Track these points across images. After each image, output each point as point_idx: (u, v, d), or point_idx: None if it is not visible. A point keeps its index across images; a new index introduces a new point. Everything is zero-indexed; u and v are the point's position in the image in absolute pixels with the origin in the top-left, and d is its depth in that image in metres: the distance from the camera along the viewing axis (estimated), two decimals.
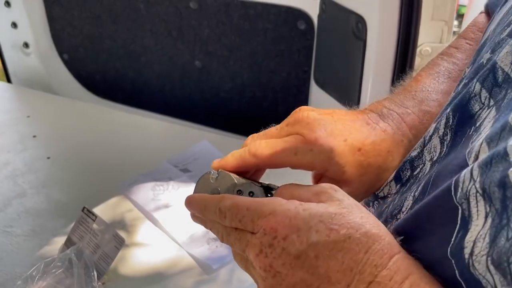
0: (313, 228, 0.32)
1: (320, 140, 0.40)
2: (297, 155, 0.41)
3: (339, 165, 0.41)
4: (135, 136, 1.13)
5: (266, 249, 0.33)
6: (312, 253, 0.32)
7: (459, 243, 0.30)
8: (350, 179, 0.42)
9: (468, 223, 0.29)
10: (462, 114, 0.37)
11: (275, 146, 0.41)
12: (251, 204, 0.35)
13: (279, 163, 0.41)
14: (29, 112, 1.24)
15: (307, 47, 1.04)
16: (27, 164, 1.03)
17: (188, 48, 1.20)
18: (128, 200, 0.92)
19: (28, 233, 0.84)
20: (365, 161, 0.41)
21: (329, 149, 0.40)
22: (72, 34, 1.34)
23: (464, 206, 0.30)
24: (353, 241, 0.32)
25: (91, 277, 0.68)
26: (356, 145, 0.41)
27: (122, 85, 1.35)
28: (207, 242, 0.82)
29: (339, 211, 0.33)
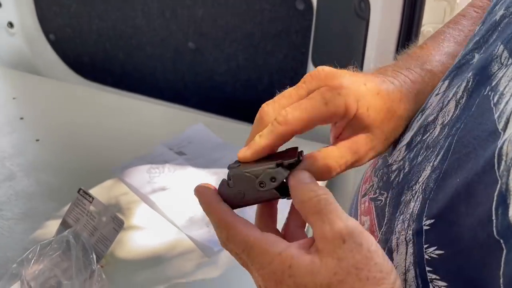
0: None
1: (344, 83, 0.39)
2: (327, 104, 0.38)
3: (364, 107, 0.39)
4: (127, 119, 1.09)
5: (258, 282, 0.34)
6: None
7: (504, 220, 0.28)
8: (373, 124, 0.40)
9: (507, 198, 0.28)
10: (482, 77, 0.36)
11: (302, 106, 0.38)
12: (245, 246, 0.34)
13: (313, 121, 0.39)
14: (15, 93, 1.19)
15: (305, 28, 1.02)
16: (15, 147, 1.00)
17: (181, 29, 1.16)
18: (122, 183, 0.89)
19: (19, 217, 0.81)
20: (384, 105, 0.41)
21: (354, 91, 0.39)
22: (59, 14, 1.30)
23: (504, 180, 0.29)
24: None
25: (90, 259, 0.65)
26: (375, 89, 0.40)
27: (111, 68, 1.31)
28: (206, 225, 0.80)
29: (327, 282, 0.32)
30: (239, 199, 0.37)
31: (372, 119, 0.40)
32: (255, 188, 0.37)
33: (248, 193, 0.37)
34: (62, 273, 0.66)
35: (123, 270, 0.72)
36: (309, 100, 0.39)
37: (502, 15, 0.38)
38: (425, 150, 0.39)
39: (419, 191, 0.37)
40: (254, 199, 0.37)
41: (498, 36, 0.38)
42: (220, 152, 0.99)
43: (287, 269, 0.32)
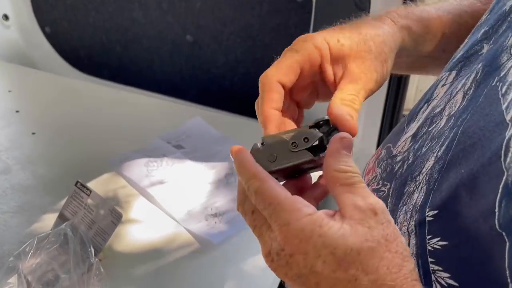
0: (321, 257, 0.30)
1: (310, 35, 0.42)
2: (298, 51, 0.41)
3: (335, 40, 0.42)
4: (124, 112, 1.08)
5: (274, 255, 0.32)
6: (313, 279, 0.31)
7: (506, 213, 0.28)
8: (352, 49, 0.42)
9: (511, 189, 0.28)
10: (491, 67, 0.36)
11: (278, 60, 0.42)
12: (273, 201, 0.33)
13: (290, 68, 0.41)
14: (11, 86, 1.18)
15: (305, 20, 1.01)
16: (10, 140, 0.98)
17: (178, 21, 1.15)
18: (120, 177, 0.88)
19: (15, 210, 0.80)
20: (356, 37, 0.42)
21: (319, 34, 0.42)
22: (55, 6, 1.28)
23: (510, 172, 0.28)
24: (358, 285, 0.30)
25: (88, 253, 0.64)
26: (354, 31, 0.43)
27: (108, 61, 1.30)
28: (205, 218, 0.80)
29: (358, 247, 0.30)
30: (270, 162, 0.37)
31: (348, 46, 0.42)
32: (287, 149, 0.37)
33: (280, 156, 0.36)
34: (59, 266, 0.65)
35: (121, 263, 0.71)
36: (282, 55, 0.42)
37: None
38: (430, 141, 0.38)
39: (423, 182, 0.36)
40: (286, 161, 0.36)
41: (509, 26, 0.37)
42: (218, 146, 0.98)
43: (318, 228, 0.31)
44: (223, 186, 0.87)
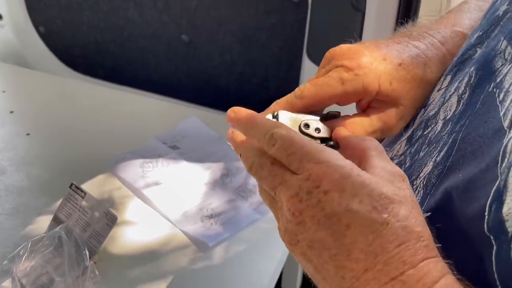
0: (358, 196, 0.30)
1: (362, 63, 0.39)
2: (344, 84, 0.39)
3: (387, 82, 0.40)
4: (119, 112, 1.08)
5: (303, 194, 0.31)
6: (345, 220, 0.30)
7: (496, 217, 0.28)
8: (399, 96, 0.41)
9: (503, 195, 0.28)
10: (485, 72, 0.36)
11: (319, 82, 0.39)
12: (307, 144, 0.33)
13: (327, 98, 0.39)
14: (4, 87, 1.17)
15: (301, 20, 1.01)
16: (4, 141, 0.98)
17: (174, 20, 1.14)
18: (115, 178, 0.88)
19: (9, 212, 0.80)
20: (408, 75, 0.41)
21: (373, 70, 0.40)
22: (49, 5, 1.27)
23: (503, 177, 0.28)
24: (390, 229, 0.30)
25: (83, 256, 0.64)
26: (396, 61, 0.41)
27: (103, 60, 1.29)
28: (201, 220, 0.79)
29: (391, 195, 0.30)
30: None
31: (398, 92, 0.41)
32: (297, 128, 0.37)
33: None
34: (54, 269, 0.65)
35: (116, 266, 0.71)
36: (326, 77, 0.40)
37: (505, 10, 0.38)
38: (427, 145, 0.38)
39: (420, 186, 0.37)
40: None
41: (500, 30, 0.37)
42: (215, 146, 0.97)
43: (356, 169, 0.31)
44: (219, 187, 0.87)
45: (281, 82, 1.10)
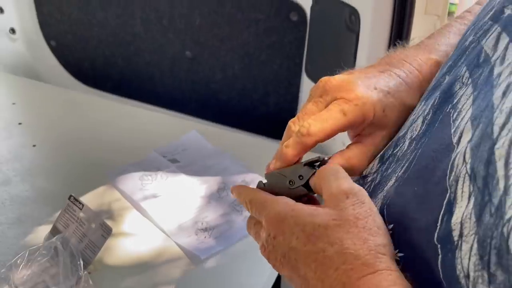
0: (295, 234, 0.35)
1: (359, 94, 0.43)
2: (346, 115, 0.42)
3: (381, 110, 0.43)
4: (124, 125, 1.11)
5: (265, 243, 0.38)
6: (293, 256, 0.36)
7: (446, 227, 0.30)
8: (389, 121, 0.44)
9: (453, 206, 0.30)
10: (446, 95, 0.39)
11: (323, 117, 0.43)
12: (260, 201, 0.41)
13: (333, 130, 0.43)
14: (15, 99, 1.22)
15: (299, 39, 1.04)
16: (11, 152, 1.01)
17: (179, 37, 1.18)
18: (115, 190, 0.91)
19: (12, 221, 0.83)
20: (396, 102, 0.44)
21: (369, 99, 0.43)
22: (60, 20, 1.32)
23: (453, 189, 0.31)
24: (326, 257, 0.34)
25: (77, 266, 0.67)
26: (385, 89, 0.44)
27: (110, 74, 1.33)
28: (195, 233, 0.82)
29: (325, 223, 0.35)
30: None
31: (389, 118, 0.44)
32: (286, 186, 0.43)
33: (280, 193, 0.42)
34: (50, 278, 0.68)
35: (111, 276, 0.73)
36: (329, 111, 0.43)
37: (471, 41, 0.40)
38: (395, 163, 0.41)
39: (380, 198, 0.39)
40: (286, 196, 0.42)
41: (465, 59, 0.39)
42: (213, 160, 1.00)
43: (290, 211, 0.37)
44: (215, 201, 0.89)
45: (281, 99, 1.12)
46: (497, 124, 0.29)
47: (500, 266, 0.25)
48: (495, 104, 0.31)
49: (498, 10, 0.37)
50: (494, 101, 0.31)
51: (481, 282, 0.26)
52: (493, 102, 0.31)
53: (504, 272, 0.25)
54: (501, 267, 0.25)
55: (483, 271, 0.26)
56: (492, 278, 0.26)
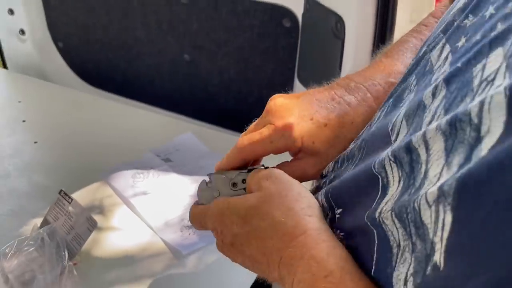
0: (233, 222, 0.41)
1: (288, 124, 0.46)
2: (272, 142, 0.46)
3: (309, 141, 0.46)
4: (123, 125, 1.15)
5: (217, 241, 0.44)
6: (238, 241, 0.41)
7: (375, 207, 0.33)
8: (320, 151, 0.47)
9: (387, 189, 0.33)
10: (395, 101, 0.41)
11: (253, 139, 0.46)
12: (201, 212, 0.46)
13: (261, 152, 0.47)
14: (21, 97, 1.27)
15: (292, 45, 1.06)
16: (13, 148, 1.06)
17: (177, 41, 1.22)
18: (108, 186, 0.95)
19: (7, 213, 0.87)
20: (331, 135, 0.47)
21: (298, 130, 0.46)
22: (67, 23, 1.37)
23: (383, 175, 0.34)
24: (261, 231, 0.39)
25: (62, 256, 0.70)
26: (322, 122, 0.46)
27: (113, 75, 1.38)
28: (180, 230, 0.85)
29: (255, 204, 0.40)
30: (215, 197, 0.47)
31: (319, 149, 0.47)
32: (229, 187, 0.46)
33: (223, 193, 0.46)
34: (38, 267, 0.71)
35: (96, 267, 0.76)
36: (259, 134, 0.46)
37: (424, 51, 0.42)
38: (347, 161, 0.44)
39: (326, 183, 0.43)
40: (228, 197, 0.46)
41: (416, 69, 0.42)
42: (205, 161, 1.03)
43: (226, 204, 0.43)
44: None
45: None
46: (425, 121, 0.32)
47: (418, 237, 0.28)
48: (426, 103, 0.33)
49: (449, 22, 0.40)
50: (424, 99, 0.34)
51: (407, 251, 0.29)
52: (423, 101, 0.34)
53: (422, 241, 0.28)
54: (419, 237, 0.28)
55: (408, 241, 0.29)
56: (414, 247, 0.29)
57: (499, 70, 0.27)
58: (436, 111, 0.31)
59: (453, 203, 0.25)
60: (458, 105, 0.29)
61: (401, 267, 0.30)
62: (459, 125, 0.27)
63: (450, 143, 0.28)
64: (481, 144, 0.25)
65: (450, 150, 0.27)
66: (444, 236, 0.26)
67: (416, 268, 0.28)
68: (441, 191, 0.26)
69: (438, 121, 0.30)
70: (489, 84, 0.27)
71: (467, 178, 0.25)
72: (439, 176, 0.27)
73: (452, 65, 0.33)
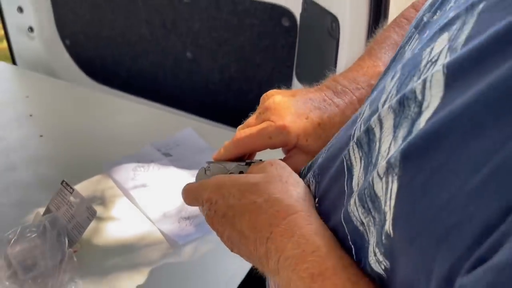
0: (231, 194, 0.42)
1: (287, 123, 0.49)
2: (271, 138, 0.49)
3: (304, 139, 0.49)
4: (126, 120, 1.19)
5: (209, 212, 0.45)
6: (231, 213, 0.42)
7: (350, 190, 0.36)
8: (312, 149, 0.50)
9: (352, 170, 0.36)
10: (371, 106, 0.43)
11: (252, 134, 0.49)
12: (197, 184, 0.48)
13: (258, 146, 0.50)
14: (29, 92, 1.31)
15: (290, 44, 1.09)
16: (20, 141, 1.10)
17: (180, 39, 1.25)
18: (109, 179, 0.98)
19: (14, 204, 0.91)
20: (323, 134, 0.50)
21: (295, 128, 0.49)
22: (74, 21, 1.41)
23: (347, 157, 0.37)
24: (257, 206, 0.40)
25: (63, 243, 0.74)
26: (316, 121, 0.49)
27: (118, 72, 1.41)
28: (178, 221, 0.88)
29: (257, 181, 0.42)
30: None
31: (311, 146, 0.50)
32: None
33: None
34: (40, 254, 0.75)
35: (95, 255, 0.80)
36: (259, 130, 0.49)
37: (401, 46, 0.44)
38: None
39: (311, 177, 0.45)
40: None
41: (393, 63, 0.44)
42: (204, 155, 1.06)
43: (228, 177, 0.45)
44: None
45: None
46: (381, 102, 0.35)
47: (375, 209, 0.31)
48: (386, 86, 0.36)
49: (419, 17, 0.42)
50: (385, 85, 0.37)
51: (372, 225, 0.32)
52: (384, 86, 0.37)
53: (378, 213, 0.31)
54: (376, 209, 0.31)
55: (369, 216, 0.32)
56: (374, 220, 0.31)
57: (442, 51, 0.30)
58: (390, 91, 0.34)
59: (399, 172, 0.28)
60: (407, 84, 0.31)
61: (371, 240, 0.32)
62: (406, 102, 0.30)
63: (398, 120, 0.30)
64: (421, 117, 0.28)
65: (397, 126, 0.30)
66: (391, 204, 0.28)
67: (377, 239, 0.31)
68: (389, 163, 0.29)
69: (391, 100, 0.32)
70: (433, 64, 0.30)
71: (408, 148, 0.27)
72: (388, 150, 0.30)
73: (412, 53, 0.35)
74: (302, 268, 0.36)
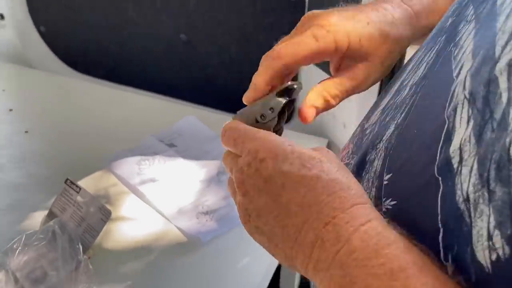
0: (289, 160, 0.34)
1: (333, 21, 0.42)
2: (318, 40, 0.41)
3: (356, 38, 0.42)
4: (118, 111, 1.08)
5: (244, 167, 0.36)
6: (280, 180, 0.34)
7: (444, 157, 0.29)
8: (367, 52, 0.43)
9: (451, 135, 0.30)
10: (449, 36, 0.38)
11: (294, 41, 0.42)
12: (246, 128, 0.38)
13: (304, 55, 0.41)
14: (4, 85, 1.18)
15: (298, 19, 1.01)
16: (4, 138, 0.98)
17: (173, 20, 1.15)
18: (112, 175, 0.89)
19: (6, 208, 0.80)
20: (375, 33, 0.43)
21: (343, 27, 0.42)
22: (50, 5, 1.28)
23: (451, 119, 0.30)
24: (320, 182, 0.33)
25: (76, 250, 0.64)
26: (364, 20, 0.43)
27: (103, 60, 1.30)
28: (196, 216, 0.80)
29: (319, 157, 0.35)
30: None
31: (366, 48, 0.43)
32: (257, 122, 0.40)
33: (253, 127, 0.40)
34: (48, 263, 0.65)
35: (110, 260, 0.71)
36: (301, 36, 0.42)
37: None
38: (393, 110, 0.40)
39: (382, 149, 0.38)
40: None
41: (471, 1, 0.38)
42: (211, 144, 0.98)
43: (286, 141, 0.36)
44: (215, 184, 0.87)
45: None
46: (499, 45, 0.29)
47: (500, 181, 0.25)
48: (497, 27, 0.30)
49: None
50: (497, 26, 0.30)
51: (482, 202, 0.26)
52: (496, 28, 0.30)
53: (504, 186, 0.25)
54: (500, 181, 0.25)
55: (483, 190, 0.26)
56: (492, 196, 0.25)
57: None
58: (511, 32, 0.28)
59: None
60: None
61: (479, 221, 0.26)
62: None
63: None
64: None
65: None
66: None
67: (499, 219, 0.25)
68: None
69: None
70: None
71: None
72: None
73: None
74: (377, 263, 0.29)
